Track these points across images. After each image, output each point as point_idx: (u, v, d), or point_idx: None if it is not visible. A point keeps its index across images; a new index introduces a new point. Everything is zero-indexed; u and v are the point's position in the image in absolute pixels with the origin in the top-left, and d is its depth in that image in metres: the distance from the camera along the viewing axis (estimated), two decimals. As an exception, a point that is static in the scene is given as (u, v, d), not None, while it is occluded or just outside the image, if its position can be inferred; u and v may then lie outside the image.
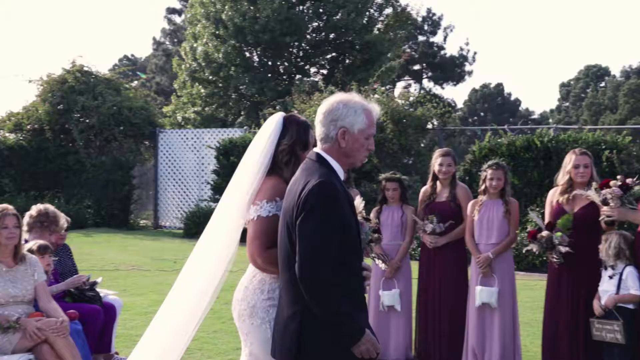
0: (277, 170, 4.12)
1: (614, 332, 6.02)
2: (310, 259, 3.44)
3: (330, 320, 3.50)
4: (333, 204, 3.51)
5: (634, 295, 6.01)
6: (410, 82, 53.49)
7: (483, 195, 7.11)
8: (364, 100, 3.79)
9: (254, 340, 4.04)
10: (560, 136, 14.97)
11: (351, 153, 3.74)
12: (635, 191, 6.10)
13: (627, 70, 65.71)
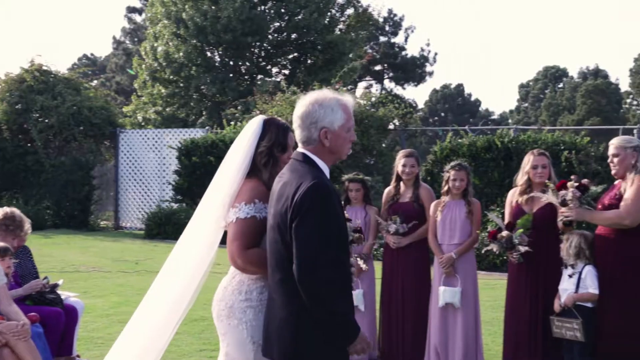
0: (256, 172, 4.16)
1: (574, 330, 6.10)
2: (310, 261, 3.46)
3: (329, 321, 3.53)
4: (329, 205, 3.55)
5: (593, 294, 6.09)
6: (371, 82, 53.71)
7: (446, 196, 7.16)
8: (336, 94, 3.81)
9: (231, 341, 4.07)
10: (520, 137, 15.14)
11: (336, 149, 3.77)
12: (591, 192, 6.19)
13: (585, 71, 66.73)
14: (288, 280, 3.57)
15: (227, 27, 29.76)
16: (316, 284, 3.46)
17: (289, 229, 3.55)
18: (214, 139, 19.28)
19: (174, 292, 4.40)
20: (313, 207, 3.50)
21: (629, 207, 5.89)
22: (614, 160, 6.09)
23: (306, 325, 3.57)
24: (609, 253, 6.06)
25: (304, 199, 3.50)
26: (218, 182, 4.28)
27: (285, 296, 3.63)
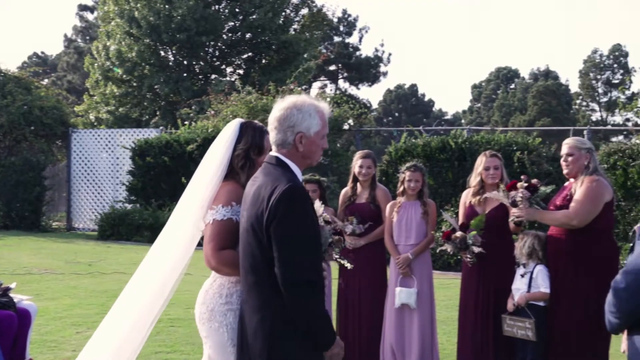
0: (233, 175, 4.20)
1: (526, 330, 6.18)
2: (292, 264, 3.47)
3: (310, 324, 3.54)
4: (305, 207, 3.57)
5: (544, 293, 6.18)
6: (326, 82, 53.79)
7: (401, 197, 7.22)
8: (314, 101, 3.85)
9: (212, 344, 4.11)
10: (473, 137, 15.30)
11: (309, 155, 3.80)
12: (540, 192, 6.29)
13: (536, 72, 67.66)
14: (262, 283, 3.58)
15: (181, 26, 29.57)
16: (301, 288, 3.47)
17: (265, 232, 3.55)
18: (169, 139, 19.16)
19: (149, 293, 4.41)
20: (291, 209, 3.51)
21: (577, 208, 5.98)
22: (567, 159, 6.18)
23: (281, 328, 3.56)
24: (561, 253, 6.15)
25: (281, 202, 3.51)
26: (196, 185, 4.31)
27: (260, 299, 3.62)
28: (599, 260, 6.05)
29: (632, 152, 12.91)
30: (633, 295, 2.97)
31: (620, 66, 62.28)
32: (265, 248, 3.55)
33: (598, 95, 62.69)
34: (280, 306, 3.53)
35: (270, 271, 3.52)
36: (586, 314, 5.99)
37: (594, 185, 6.03)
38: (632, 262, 3.00)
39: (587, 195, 5.99)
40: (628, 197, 12.86)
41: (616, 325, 3.11)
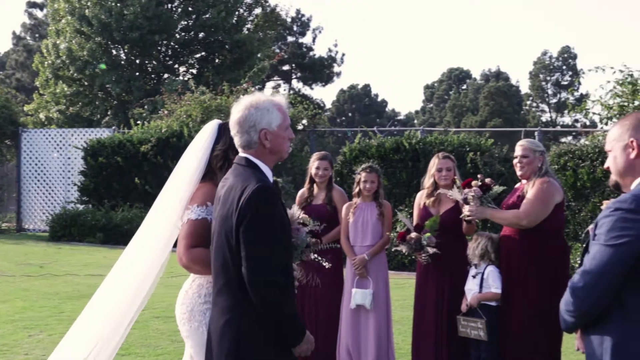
0: (210, 175, 4.22)
1: (478, 330, 6.26)
2: (260, 264, 3.49)
3: (279, 323, 3.57)
4: (274, 207, 3.58)
5: (495, 294, 6.26)
6: (279, 82, 53.77)
7: (357, 198, 7.26)
8: (268, 96, 3.89)
9: (193, 343, 4.14)
10: (427, 138, 15.43)
11: (277, 149, 3.82)
12: (492, 192, 6.38)
13: (487, 73, 68.42)
14: (232, 285, 3.60)
15: (133, 25, 29.27)
16: (266, 287, 3.49)
17: (235, 233, 3.56)
18: (121, 139, 18.98)
19: (126, 294, 4.41)
20: (259, 210, 3.53)
21: (527, 208, 6.09)
22: (522, 161, 6.28)
23: (249, 329, 3.59)
24: (513, 253, 6.24)
25: (250, 203, 3.52)
26: (174, 185, 4.34)
27: (229, 300, 3.64)
28: (550, 260, 6.15)
29: (582, 153, 13.16)
30: (590, 295, 3.03)
31: (569, 68, 63.33)
32: (235, 249, 3.57)
33: (548, 96, 63.67)
34: (248, 307, 3.55)
35: (239, 272, 3.54)
36: (538, 314, 6.09)
37: (545, 187, 6.14)
38: (588, 262, 3.06)
39: (537, 196, 6.10)
40: (577, 197, 13.10)
41: (572, 324, 3.17)
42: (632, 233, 2.95)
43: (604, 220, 3.05)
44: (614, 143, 3.27)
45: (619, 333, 3.00)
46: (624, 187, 3.28)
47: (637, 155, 3.18)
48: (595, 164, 12.89)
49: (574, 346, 7.16)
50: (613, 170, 3.30)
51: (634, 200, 3.01)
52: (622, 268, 2.96)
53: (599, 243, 3.03)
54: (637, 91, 13.02)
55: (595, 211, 12.66)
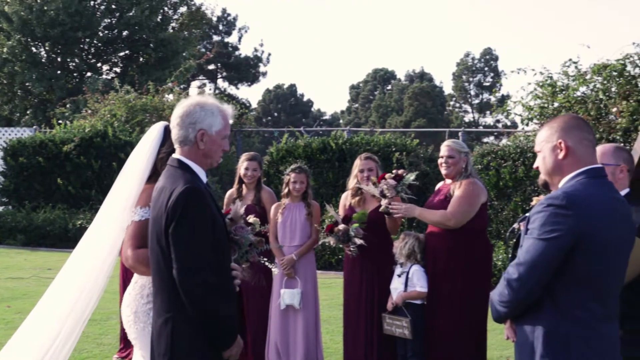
0: (155, 177, 4.19)
1: (403, 328, 6.36)
2: (189, 265, 3.51)
3: (209, 324, 3.57)
4: (202, 208, 3.59)
5: (419, 292, 6.37)
6: (204, 81, 53.40)
7: (286, 198, 7.29)
8: (217, 101, 3.89)
9: (141, 345, 4.14)
10: (353, 138, 15.54)
11: (210, 154, 3.82)
12: (405, 180, 6.50)
13: (411, 74, 69.26)
14: (165, 287, 3.62)
15: (54, 21, 28.66)
16: (196, 288, 3.51)
17: (165, 235, 3.58)
18: (43, 138, 18.53)
19: (75, 298, 4.36)
20: (187, 211, 3.54)
21: (454, 209, 6.22)
22: (448, 161, 6.41)
23: (182, 329, 3.60)
24: (440, 252, 6.36)
25: (177, 204, 3.54)
26: (121, 187, 4.33)
27: (164, 302, 3.66)
28: (475, 259, 6.30)
29: (504, 154, 13.44)
30: (524, 286, 3.17)
31: (491, 69, 64.65)
32: (166, 251, 3.59)
33: (470, 97, 64.89)
34: (182, 308, 3.57)
35: (172, 273, 3.55)
36: (465, 311, 6.23)
37: (471, 188, 6.29)
38: (522, 255, 3.20)
39: (464, 197, 6.24)
40: (500, 196, 13.37)
41: (504, 314, 3.31)
42: (563, 227, 3.10)
43: (536, 216, 3.19)
44: (543, 144, 3.42)
45: (550, 322, 3.16)
46: (552, 185, 3.43)
47: (565, 155, 3.33)
48: (517, 164, 13.18)
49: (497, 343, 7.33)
50: (542, 170, 3.45)
51: (565, 196, 3.16)
52: (554, 261, 3.12)
53: (532, 237, 3.17)
54: (556, 93, 13.34)
55: (517, 210, 12.95)
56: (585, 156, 3.34)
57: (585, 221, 3.13)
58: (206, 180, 3.88)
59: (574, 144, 3.33)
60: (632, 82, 12.41)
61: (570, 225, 3.11)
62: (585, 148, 3.35)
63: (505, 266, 11.88)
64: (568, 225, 3.11)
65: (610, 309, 3.25)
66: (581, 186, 3.25)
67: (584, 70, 13.19)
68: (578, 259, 3.13)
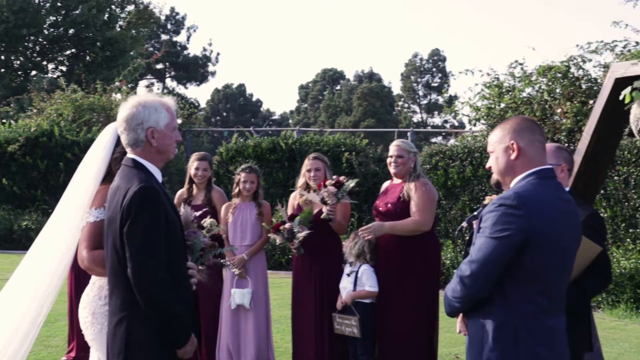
0: (109, 178, 4.17)
1: (352, 327, 6.42)
2: (142, 264, 3.52)
3: (163, 322, 3.59)
4: (156, 207, 3.60)
5: (368, 292, 6.43)
6: (152, 81, 52.95)
7: (237, 198, 7.30)
8: (157, 97, 3.90)
9: (98, 346, 4.11)
10: (303, 138, 15.59)
11: (164, 149, 3.84)
12: (344, 187, 6.59)
13: (360, 74, 69.49)
14: (121, 286, 3.63)
15: (-2, 18, 28.15)
16: (150, 286, 3.53)
17: (119, 234, 3.59)
18: (-12, 139, 18.18)
19: (28, 301, 4.30)
20: (141, 210, 3.55)
21: (425, 214, 6.34)
22: (397, 161, 6.50)
23: (137, 329, 3.62)
24: (391, 252, 6.44)
25: (132, 203, 3.56)
26: (75, 188, 4.30)
27: (119, 301, 3.67)
28: (426, 258, 6.41)
29: (452, 154, 13.63)
30: (476, 282, 3.28)
31: (439, 70, 65.25)
32: (121, 250, 3.60)
33: (418, 97, 65.41)
34: (137, 307, 3.58)
35: (126, 273, 3.57)
36: (416, 310, 6.33)
37: (429, 189, 6.44)
38: (474, 253, 3.31)
39: (427, 199, 6.36)
40: (448, 196, 13.57)
41: (457, 309, 3.44)
42: (514, 227, 3.21)
43: (488, 215, 3.30)
44: (495, 145, 3.52)
45: (499, 316, 3.28)
46: (505, 185, 3.54)
47: (517, 156, 3.43)
48: (465, 164, 13.37)
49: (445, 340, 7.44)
50: (495, 170, 3.56)
51: (516, 197, 3.27)
52: (505, 258, 3.23)
53: (484, 235, 3.28)
54: (502, 94, 13.58)
55: (465, 209, 13.15)
56: (536, 157, 3.45)
57: (534, 220, 3.24)
58: (161, 179, 3.89)
59: (526, 145, 3.44)
60: (575, 83, 12.70)
61: (521, 224, 3.21)
62: (536, 149, 3.46)
63: (453, 265, 12.07)
64: (518, 224, 3.21)
65: (556, 303, 3.37)
66: (531, 187, 3.36)
67: (530, 72, 13.46)
68: (527, 256, 3.24)
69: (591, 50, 12.75)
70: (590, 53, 12.81)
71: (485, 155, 13.01)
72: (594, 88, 12.51)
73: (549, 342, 3.30)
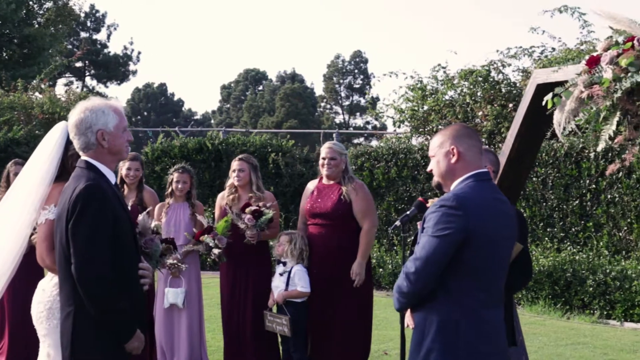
0: (65, 176, 4.19)
1: (282, 326, 6.54)
2: (85, 259, 3.62)
3: (106, 318, 3.68)
4: (101, 205, 3.69)
5: (300, 292, 6.56)
6: (72, 79, 51.95)
7: (170, 198, 7.34)
8: (104, 100, 4.00)
9: (51, 342, 4.12)
10: (229, 139, 15.61)
11: (116, 149, 3.93)
12: (263, 219, 6.75)
13: (283, 75, 69.59)
14: (66, 281, 3.73)
15: None
16: (92, 283, 3.63)
17: (66, 231, 3.69)
18: None
19: None
20: (86, 207, 3.66)
21: (372, 215, 6.68)
22: (331, 162, 6.67)
23: (82, 324, 3.71)
24: (325, 252, 6.62)
25: (77, 201, 3.67)
26: (23, 187, 4.30)
27: (66, 297, 3.77)
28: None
29: (377, 155, 13.86)
30: (420, 279, 3.49)
31: (361, 72, 65.87)
32: (66, 247, 3.71)
33: (341, 99, 65.90)
34: (81, 301, 3.68)
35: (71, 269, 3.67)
36: (352, 308, 6.55)
37: (367, 190, 6.75)
38: (419, 251, 3.52)
39: (369, 201, 6.73)
40: (374, 196, 13.67)
41: (404, 304, 3.65)
42: (454, 226, 3.44)
43: (431, 216, 3.52)
44: (436, 150, 3.76)
45: (443, 310, 3.52)
46: (445, 187, 3.78)
47: (456, 160, 3.68)
48: (390, 165, 13.62)
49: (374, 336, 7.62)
50: (436, 173, 3.79)
51: (455, 198, 3.52)
52: (446, 255, 3.45)
53: (427, 235, 3.50)
54: (426, 96, 13.90)
55: (390, 209, 13.42)
56: (473, 161, 3.70)
57: (472, 220, 3.47)
58: (115, 180, 3.97)
59: (464, 150, 3.68)
60: (496, 87, 13.11)
61: (460, 224, 3.44)
62: (474, 154, 3.71)
63: (378, 263, 12.33)
64: (458, 224, 3.44)
65: (494, 297, 3.62)
66: (469, 189, 3.61)
67: (452, 75, 13.82)
68: (467, 253, 3.48)
69: (511, 55, 13.20)
70: (509, 58, 13.25)
71: (409, 156, 13.31)
72: (513, 92, 12.94)
73: (488, 335, 3.54)
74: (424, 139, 13.95)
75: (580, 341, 8.94)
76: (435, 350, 3.49)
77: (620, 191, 11.18)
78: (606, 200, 11.29)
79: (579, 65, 4.47)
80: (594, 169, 11.36)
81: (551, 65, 10.86)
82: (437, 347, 3.49)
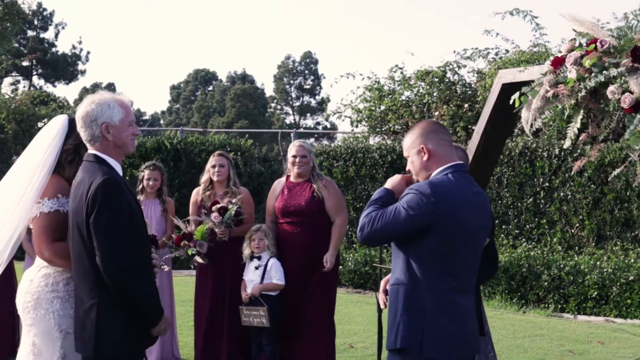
0: (58, 169, 4.24)
1: (260, 317, 6.63)
2: (110, 251, 3.72)
3: (134, 304, 3.80)
4: (119, 198, 3.80)
5: (277, 285, 6.69)
6: (18, 78, 51.11)
7: (141, 195, 7.41)
8: (111, 94, 4.08)
9: (37, 331, 4.15)
10: (188, 138, 15.67)
11: (121, 143, 4.01)
12: (228, 214, 6.83)
13: (233, 75, 69.35)
14: (89, 274, 3.81)
15: None
16: (120, 271, 3.73)
17: (86, 225, 3.77)
18: None
19: None
20: (105, 201, 3.75)
21: (344, 211, 6.90)
22: (302, 160, 6.83)
23: (108, 314, 3.81)
24: (297, 247, 6.77)
25: (97, 195, 3.75)
26: (17, 179, 4.29)
27: (88, 290, 3.85)
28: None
29: (336, 154, 14.06)
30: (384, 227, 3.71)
31: (311, 72, 66.05)
32: (88, 240, 3.79)
33: (291, 99, 65.99)
34: (105, 293, 3.78)
35: (94, 261, 3.76)
36: (323, 302, 6.77)
37: (336, 187, 6.96)
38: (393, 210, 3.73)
39: (340, 198, 6.94)
40: (332, 195, 14.00)
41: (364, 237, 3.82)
42: (422, 210, 3.64)
43: (407, 193, 3.75)
44: (409, 150, 3.95)
45: (410, 290, 3.72)
46: None
47: (428, 157, 3.88)
48: (348, 164, 13.82)
49: (338, 330, 7.80)
50: (413, 172, 3.98)
51: (430, 186, 3.72)
52: (404, 229, 3.68)
53: (401, 205, 3.71)
54: (383, 97, 14.15)
55: (348, 208, 13.62)
56: (445, 155, 3.89)
57: (442, 207, 3.65)
58: (122, 173, 4.06)
59: (434, 146, 3.87)
60: (451, 87, 13.42)
61: (429, 209, 3.63)
62: (444, 148, 3.90)
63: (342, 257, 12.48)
64: (427, 209, 3.63)
65: (462, 283, 3.80)
66: (446, 179, 3.79)
67: (409, 76, 14.09)
68: (433, 237, 3.67)
69: (466, 56, 13.53)
70: (465, 59, 13.58)
71: (367, 155, 13.53)
72: (468, 92, 13.28)
73: (452, 317, 3.72)
74: (381, 138, 14.18)
75: (537, 333, 9.25)
76: (402, 323, 3.68)
77: (572, 189, 11.56)
78: (559, 198, 11.66)
79: (543, 66, 4.68)
80: (547, 167, 11.72)
81: (505, 67, 11.20)
82: (404, 319, 3.68)
